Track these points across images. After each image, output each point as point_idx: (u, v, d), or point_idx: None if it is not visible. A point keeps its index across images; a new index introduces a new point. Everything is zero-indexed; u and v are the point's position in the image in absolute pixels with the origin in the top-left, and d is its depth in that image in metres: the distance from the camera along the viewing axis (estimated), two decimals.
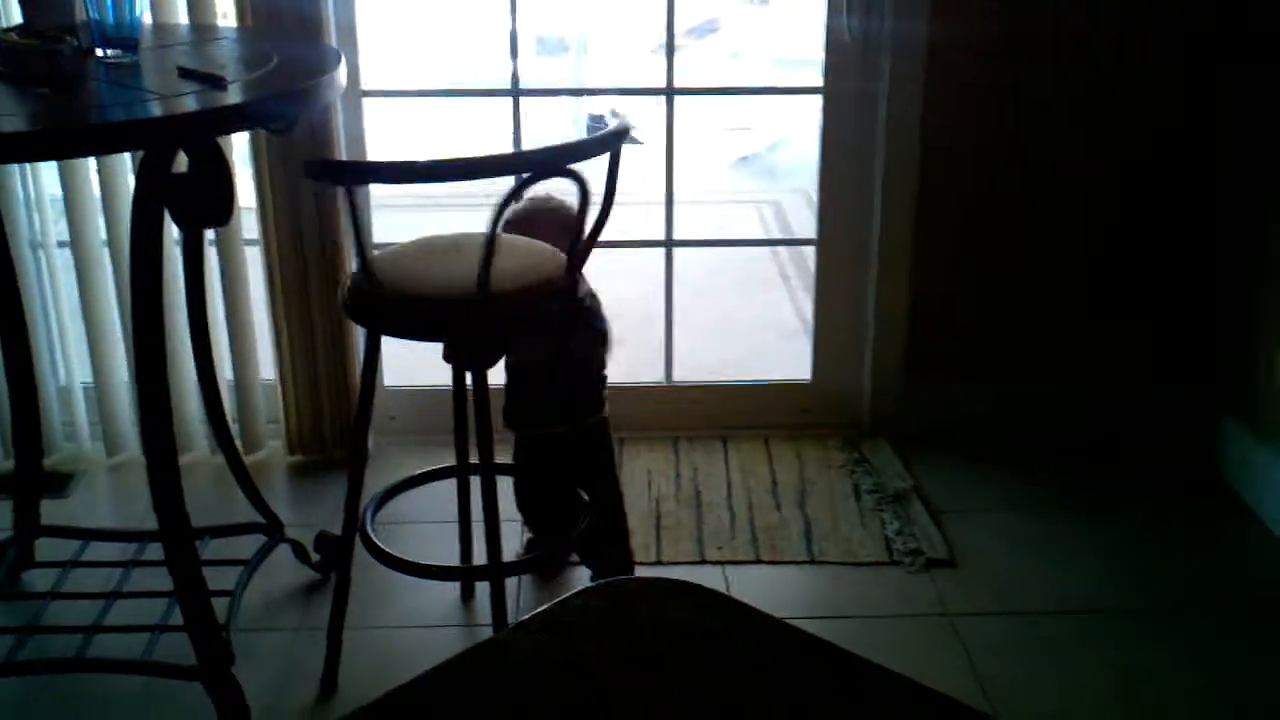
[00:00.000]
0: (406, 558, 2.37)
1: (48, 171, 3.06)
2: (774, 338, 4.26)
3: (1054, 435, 3.36)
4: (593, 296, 2.43)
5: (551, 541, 2.65)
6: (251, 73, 2.06)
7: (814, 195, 5.31)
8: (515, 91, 3.22)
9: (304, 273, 3.08)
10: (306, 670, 2.49)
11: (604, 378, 2.62)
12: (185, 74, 2.00)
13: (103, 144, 1.86)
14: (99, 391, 3.19)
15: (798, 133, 6.05)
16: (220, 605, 2.32)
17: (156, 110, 1.85)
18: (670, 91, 3.22)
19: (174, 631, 2.34)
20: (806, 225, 5.47)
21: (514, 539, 2.91)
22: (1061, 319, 3.34)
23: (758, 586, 2.79)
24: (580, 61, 6.60)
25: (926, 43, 3.08)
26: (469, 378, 2.50)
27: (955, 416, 3.37)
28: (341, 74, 2.14)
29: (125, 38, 2.08)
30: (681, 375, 3.45)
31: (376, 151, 3.24)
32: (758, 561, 2.87)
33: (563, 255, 2.26)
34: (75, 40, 2.04)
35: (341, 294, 2.23)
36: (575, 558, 2.74)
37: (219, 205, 1.92)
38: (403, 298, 2.13)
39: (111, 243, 3.04)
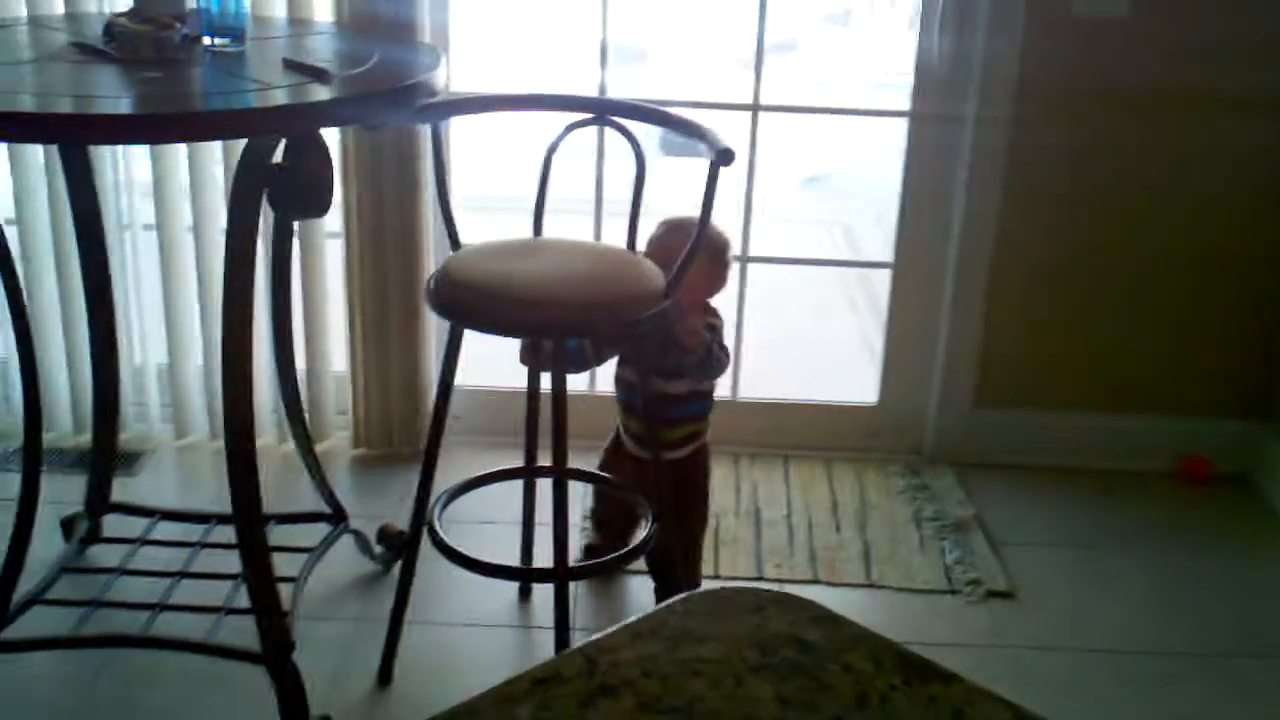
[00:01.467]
0: (472, 555, 2.38)
1: (138, 156, 3.11)
2: (839, 361, 4.26)
3: (1118, 470, 3.34)
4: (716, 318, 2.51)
5: (612, 550, 2.65)
6: (353, 69, 2.09)
7: (884, 218, 5.31)
8: (598, 104, 3.24)
9: (383, 269, 3.11)
10: (363, 661, 2.51)
11: (711, 402, 2.63)
12: (290, 66, 2.03)
13: (213, 130, 1.89)
14: (172, 374, 3.23)
15: (867, 155, 6.03)
16: (284, 591, 2.34)
17: (266, 99, 1.88)
18: (755, 108, 3.23)
19: (238, 614, 2.38)
20: (875, 248, 5.48)
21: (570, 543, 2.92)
22: (1129, 354, 3.32)
23: None
24: (658, 72, 6.61)
25: (1018, 69, 3.07)
26: (544, 380, 2.55)
27: (1019, 447, 3.36)
28: (442, 74, 2.16)
29: (232, 27, 2.12)
30: (746, 392, 3.45)
31: (460, 153, 3.27)
32: (815, 581, 2.87)
33: (659, 273, 2.27)
34: (184, 27, 2.07)
35: (429, 286, 2.25)
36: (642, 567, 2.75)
37: (318, 196, 1.95)
38: (505, 295, 2.16)
39: (197, 228, 3.09)
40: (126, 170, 3.07)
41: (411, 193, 3.04)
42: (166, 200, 3.07)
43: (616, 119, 2.41)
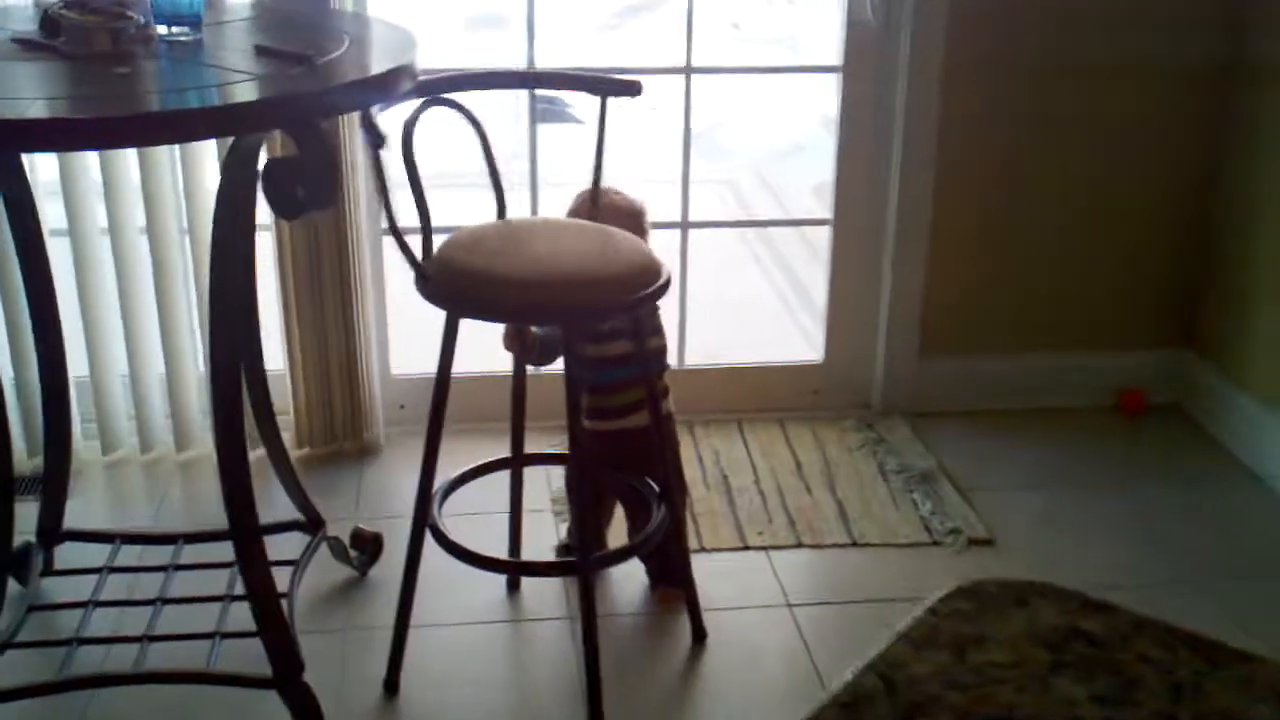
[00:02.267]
0: (473, 549, 2.27)
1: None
2: (765, 320, 4.23)
3: (1063, 408, 3.39)
4: None
5: (590, 534, 2.56)
6: (330, 52, 1.94)
7: (765, 173, 5.29)
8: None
9: (315, 255, 2.95)
10: (363, 672, 2.39)
11: (665, 366, 2.54)
12: (264, 52, 1.88)
13: (214, 126, 1.72)
14: (95, 385, 3.02)
15: (741, 114, 6.01)
16: None
17: (257, 92, 1.73)
18: (689, 70, 3.15)
19: (234, 638, 2.23)
20: (764, 204, 5.47)
21: (542, 531, 2.84)
22: (1066, 294, 3.36)
23: (805, 572, 2.76)
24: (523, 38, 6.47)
25: (945, 17, 3.06)
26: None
27: (967, 394, 3.38)
28: (416, 55, 2.03)
29: (187, 15, 1.95)
30: (691, 359, 3.39)
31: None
32: (799, 545, 2.83)
33: (647, 245, 2.19)
34: (138, 16, 1.90)
35: (420, 274, 2.12)
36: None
37: (324, 189, 1.81)
38: (505, 280, 2.04)
39: (117, 227, 2.88)
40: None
41: (345, 169, 2.88)
42: (75, 200, 2.85)
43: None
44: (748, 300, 4.39)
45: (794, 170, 5.86)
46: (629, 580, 2.64)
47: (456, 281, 2.08)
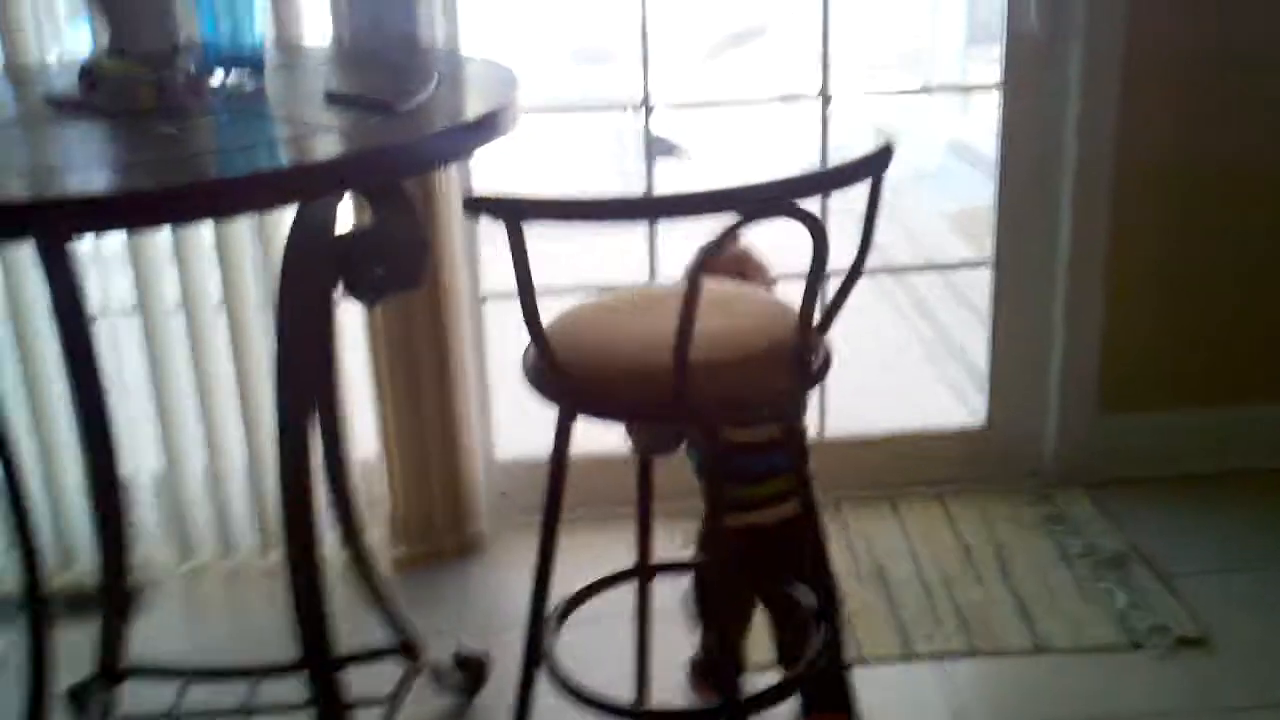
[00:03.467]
0: (593, 691, 1.88)
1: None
2: (903, 375, 3.82)
3: (1275, 469, 2.92)
4: None
5: (728, 651, 2.15)
6: (415, 96, 1.58)
7: (892, 204, 4.87)
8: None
9: (408, 325, 2.60)
10: None
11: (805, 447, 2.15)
12: (336, 100, 1.53)
13: (278, 193, 1.35)
14: (168, 483, 2.70)
15: (860, 137, 5.61)
16: None
17: (324, 149, 1.38)
18: (824, 96, 2.77)
19: None
20: (891, 238, 5.04)
21: (669, 642, 2.44)
22: (1271, 336, 2.90)
23: (983, 685, 2.34)
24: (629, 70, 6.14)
25: (1125, 34, 2.64)
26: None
27: (1159, 456, 2.93)
28: (518, 94, 1.67)
29: (248, 57, 1.61)
30: (831, 429, 2.98)
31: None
32: (974, 653, 2.41)
33: (793, 312, 1.79)
34: (187, 64, 1.57)
35: (528, 363, 1.76)
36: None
37: (410, 265, 1.45)
38: (629, 370, 1.67)
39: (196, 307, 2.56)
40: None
41: (437, 229, 2.53)
42: (143, 270, 2.54)
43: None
44: (887, 354, 3.97)
45: (922, 200, 5.44)
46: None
47: (564, 374, 1.70)
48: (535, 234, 1.52)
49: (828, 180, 1.80)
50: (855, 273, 1.72)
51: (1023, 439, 2.96)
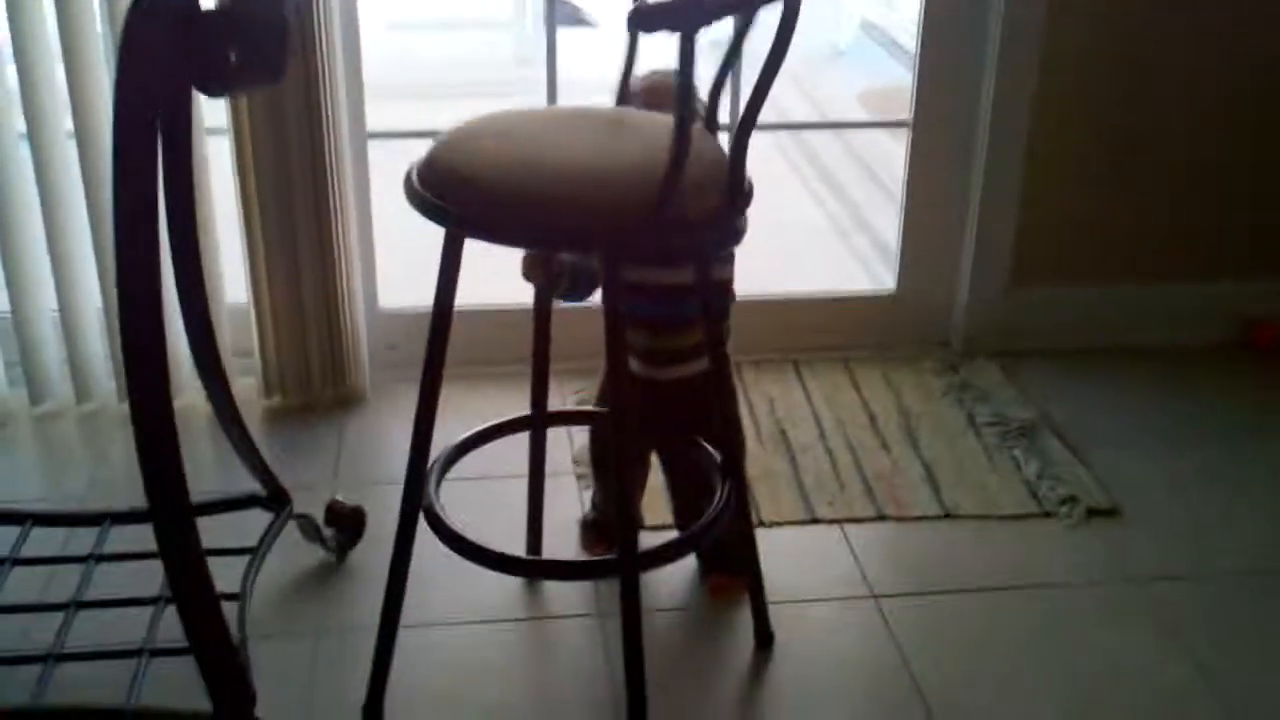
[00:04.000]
0: (479, 542, 1.73)
1: None
2: (813, 243, 3.68)
3: (1182, 345, 2.84)
4: None
5: (631, 516, 2.01)
6: None
7: (804, 83, 4.73)
8: None
9: (284, 169, 2.40)
10: (338, 691, 1.87)
11: (732, 294, 2.00)
12: None
13: None
14: (18, 323, 2.48)
15: (768, 15, 5.42)
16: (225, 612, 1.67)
17: None
18: None
19: (167, 656, 1.71)
20: (805, 115, 4.90)
21: (561, 498, 2.31)
22: (1194, 206, 2.80)
23: (889, 551, 2.23)
24: None
25: None
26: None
27: (1066, 328, 2.84)
28: None
29: None
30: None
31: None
32: (881, 518, 2.30)
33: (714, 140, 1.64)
34: None
35: (410, 180, 1.57)
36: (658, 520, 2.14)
37: (265, 50, 1.26)
38: (526, 191, 1.49)
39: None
40: None
41: (314, 59, 2.32)
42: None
43: None
44: (796, 223, 3.83)
45: (835, 79, 5.29)
46: (671, 566, 2.10)
47: (457, 192, 1.52)
48: None
49: None
50: (773, 67, 1.54)
51: (932, 308, 2.85)
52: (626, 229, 1.49)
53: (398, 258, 2.65)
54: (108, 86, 2.31)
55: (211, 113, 2.40)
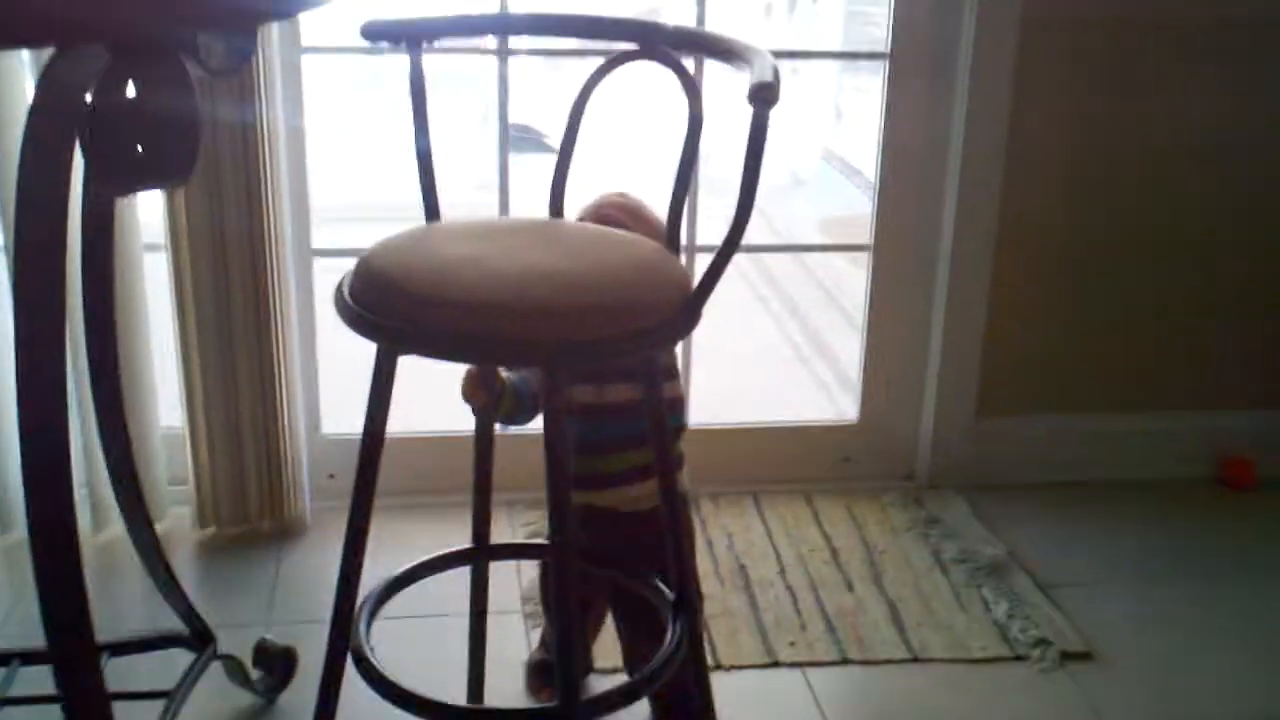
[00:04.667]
0: (410, 688, 1.59)
1: None
2: (775, 372, 3.61)
3: (1155, 480, 2.77)
4: None
5: (575, 664, 1.89)
6: None
7: (766, 210, 4.72)
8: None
9: (224, 283, 2.30)
10: None
11: (684, 423, 1.91)
12: None
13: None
14: None
15: (733, 145, 5.44)
16: None
17: None
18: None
19: None
20: (765, 241, 4.86)
21: (508, 638, 2.18)
22: (1165, 338, 2.75)
23: (854, 697, 2.11)
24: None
25: (1018, 14, 2.47)
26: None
27: (1039, 462, 2.76)
28: None
29: None
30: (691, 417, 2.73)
31: (317, 116, 2.49)
32: (844, 662, 2.18)
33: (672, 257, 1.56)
34: None
35: (340, 292, 1.48)
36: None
37: (177, 149, 1.17)
38: (454, 300, 1.39)
39: None
40: None
41: (256, 176, 2.24)
42: None
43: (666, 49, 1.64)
44: (758, 351, 3.76)
45: (796, 206, 5.28)
46: (623, 713, 1.96)
47: (387, 300, 1.43)
48: None
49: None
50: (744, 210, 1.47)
51: (896, 438, 2.77)
52: (575, 338, 1.39)
53: (342, 382, 2.54)
54: None
55: (150, 230, 2.31)
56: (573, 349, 1.40)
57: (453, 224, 1.62)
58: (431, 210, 1.67)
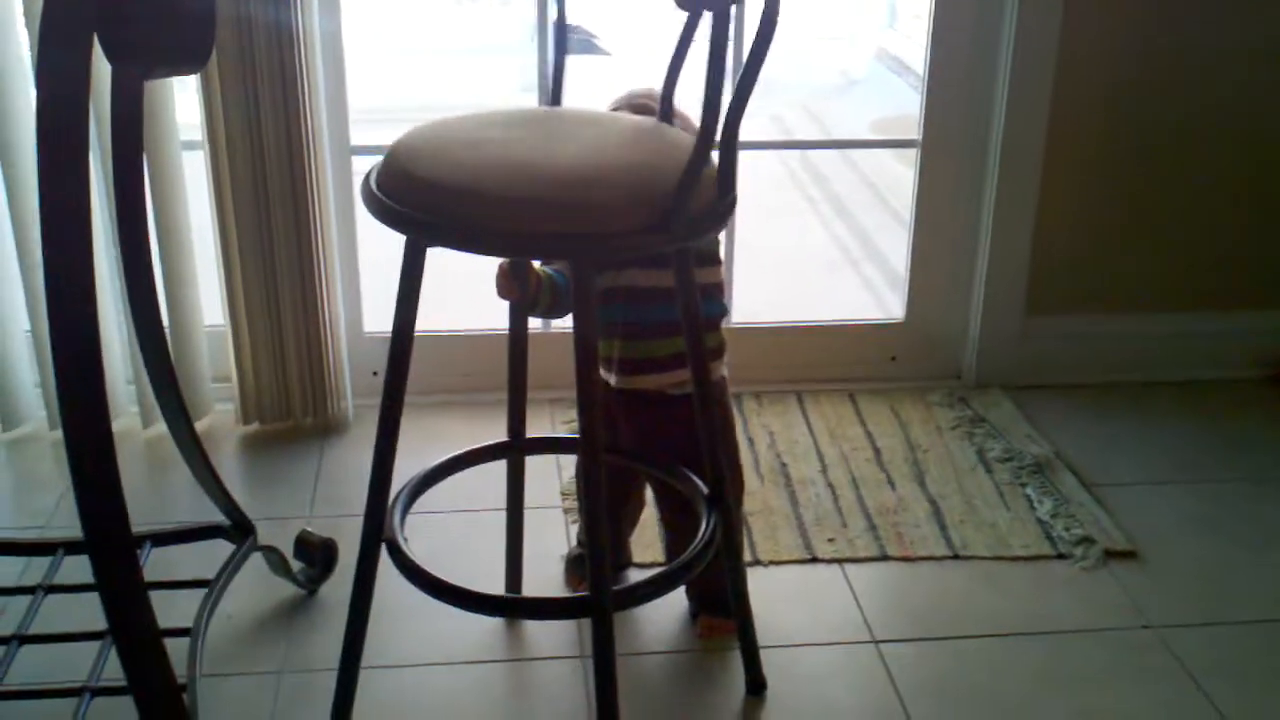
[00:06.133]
0: (446, 579, 1.60)
1: None
2: (820, 272, 3.57)
3: (1203, 380, 2.72)
4: None
5: (608, 551, 1.89)
6: None
7: (816, 112, 4.66)
8: None
9: (262, 181, 2.30)
10: None
11: (725, 310, 1.88)
12: None
13: None
14: None
15: (785, 44, 5.34)
16: (176, 648, 1.55)
17: None
18: None
19: (110, 695, 1.59)
20: (811, 135, 4.81)
21: (549, 532, 2.19)
22: (1220, 234, 2.68)
23: (893, 594, 2.10)
24: None
25: None
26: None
27: (1088, 361, 2.72)
28: None
29: None
30: (737, 316, 2.71)
31: (352, 17, 2.46)
32: (884, 558, 2.17)
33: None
34: None
35: (367, 185, 1.47)
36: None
37: (192, 31, 1.15)
38: (488, 192, 1.37)
39: None
40: None
41: (293, 76, 2.22)
42: None
43: None
44: (804, 253, 3.72)
45: (847, 108, 5.20)
46: (662, 606, 1.98)
47: (413, 191, 1.41)
48: None
49: None
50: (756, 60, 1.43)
51: (943, 338, 2.73)
52: (616, 230, 1.38)
53: (384, 280, 2.54)
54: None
55: (187, 129, 2.31)
56: (599, 241, 1.39)
57: (482, 114, 1.60)
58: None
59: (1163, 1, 2.48)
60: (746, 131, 2.52)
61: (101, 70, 1.76)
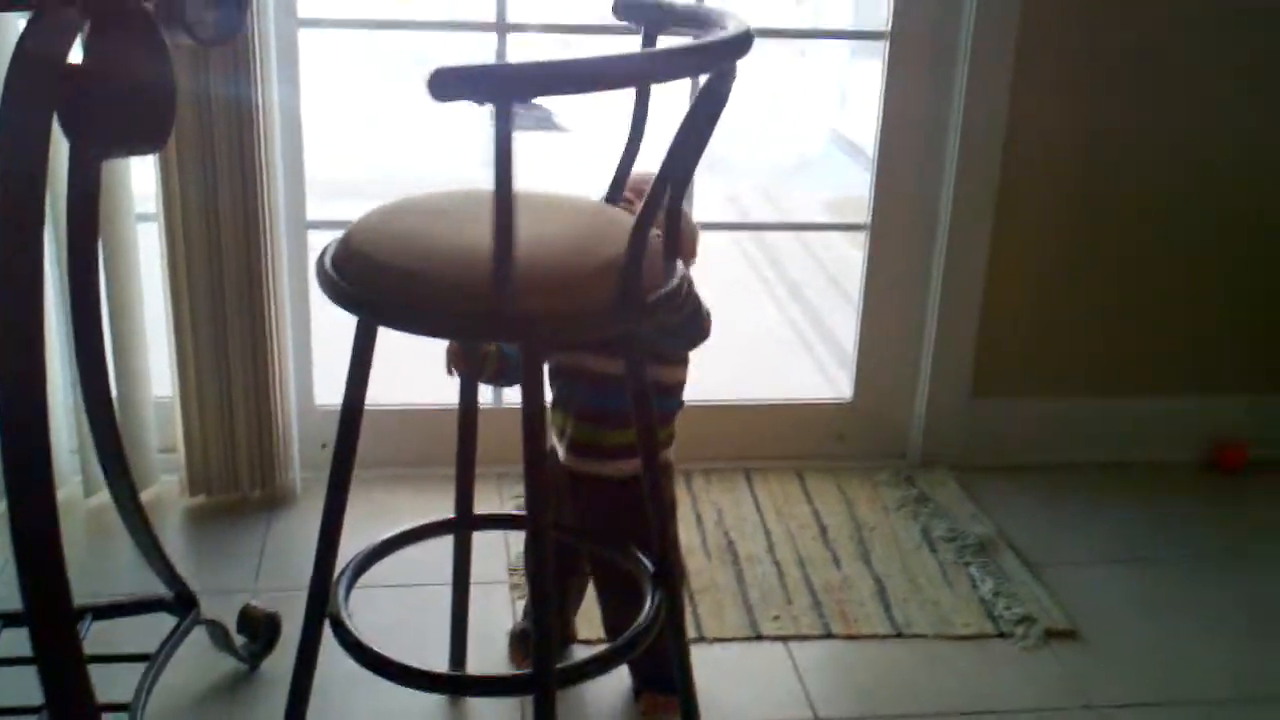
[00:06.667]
0: (390, 655, 1.60)
1: None
2: (773, 352, 3.61)
3: (1146, 462, 2.76)
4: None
5: (553, 628, 1.89)
6: None
7: (772, 193, 4.72)
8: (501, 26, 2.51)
9: (217, 253, 2.31)
10: None
11: (680, 405, 1.91)
12: None
13: None
14: None
15: (743, 127, 5.42)
16: None
17: None
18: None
19: None
20: (765, 215, 4.88)
21: (494, 608, 2.19)
22: (1159, 322, 2.74)
23: (837, 672, 2.11)
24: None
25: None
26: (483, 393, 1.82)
27: (1031, 443, 2.76)
28: None
29: None
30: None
31: (313, 92, 2.48)
32: (829, 636, 2.18)
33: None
34: None
35: (321, 265, 1.49)
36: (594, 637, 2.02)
37: (151, 114, 1.18)
38: (438, 275, 1.40)
39: None
40: None
41: (251, 152, 2.25)
42: None
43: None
44: (758, 333, 3.76)
45: (802, 187, 5.28)
46: (606, 682, 1.98)
47: (364, 272, 1.43)
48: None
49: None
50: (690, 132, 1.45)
51: (890, 418, 2.76)
52: (564, 312, 1.40)
53: (337, 351, 2.55)
54: None
55: (143, 200, 2.32)
56: (547, 323, 1.41)
57: (437, 194, 1.62)
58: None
59: (1109, 86, 2.54)
60: (701, 212, 2.58)
61: (60, 146, 1.78)
